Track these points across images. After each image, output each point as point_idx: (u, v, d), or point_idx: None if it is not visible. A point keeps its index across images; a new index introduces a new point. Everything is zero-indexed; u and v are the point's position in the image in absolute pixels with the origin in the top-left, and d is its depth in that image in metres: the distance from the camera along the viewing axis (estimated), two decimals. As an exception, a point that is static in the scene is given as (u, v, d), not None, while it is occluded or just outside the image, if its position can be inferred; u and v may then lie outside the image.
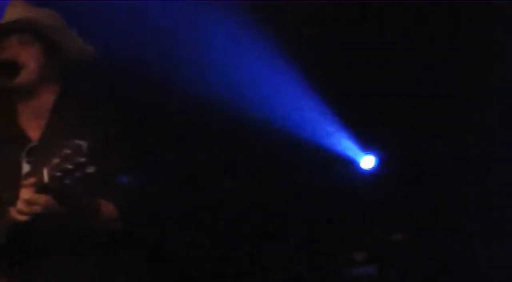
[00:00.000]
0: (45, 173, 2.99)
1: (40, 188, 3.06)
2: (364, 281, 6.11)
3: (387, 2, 5.79)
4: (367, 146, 6.26)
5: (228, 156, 6.23)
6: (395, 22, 5.90)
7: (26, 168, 3.40)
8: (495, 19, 5.75)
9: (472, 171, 6.02)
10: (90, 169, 2.95)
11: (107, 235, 3.40)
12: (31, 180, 3.09)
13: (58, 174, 2.96)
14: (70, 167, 2.94)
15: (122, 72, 5.67)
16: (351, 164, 6.28)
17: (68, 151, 2.94)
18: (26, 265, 3.36)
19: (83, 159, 2.93)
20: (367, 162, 6.28)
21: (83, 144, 2.94)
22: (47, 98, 3.50)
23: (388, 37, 5.92)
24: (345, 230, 6.24)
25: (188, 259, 6.23)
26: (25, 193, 3.11)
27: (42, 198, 3.10)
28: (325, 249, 6.23)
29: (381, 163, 6.27)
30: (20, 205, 3.12)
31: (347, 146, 6.24)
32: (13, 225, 3.20)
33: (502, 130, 5.95)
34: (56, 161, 2.96)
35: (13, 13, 3.49)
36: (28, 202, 3.10)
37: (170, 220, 6.13)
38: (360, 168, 6.29)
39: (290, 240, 6.21)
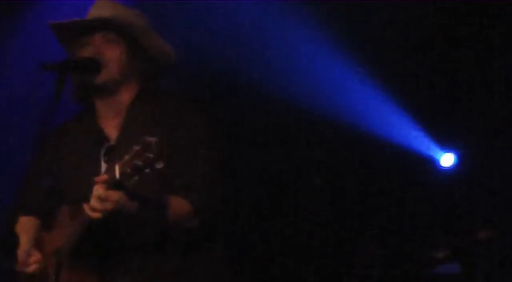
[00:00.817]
0: (117, 169, 3.00)
1: (112, 184, 3.06)
2: (448, 280, 5.93)
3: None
4: (446, 143, 6.24)
5: (310, 155, 6.25)
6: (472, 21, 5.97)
7: (104, 167, 3.45)
8: None
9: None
10: (159, 165, 2.94)
11: (184, 233, 3.40)
12: (104, 177, 3.11)
13: (128, 170, 2.96)
14: (139, 163, 2.93)
15: (202, 71, 5.82)
16: (431, 162, 6.25)
17: (138, 147, 2.94)
18: (108, 262, 3.38)
19: (151, 155, 2.91)
20: (447, 159, 6.24)
21: (153, 140, 2.93)
22: (126, 96, 3.54)
23: (466, 35, 5.98)
24: (427, 229, 6.14)
25: (268, 257, 6.19)
26: (97, 190, 3.11)
27: (114, 195, 3.10)
28: (407, 248, 6.12)
29: (460, 161, 6.22)
30: (92, 202, 3.12)
31: (426, 144, 6.22)
32: (90, 223, 3.22)
33: None
34: (127, 157, 2.97)
35: (99, 10, 3.55)
36: (100, 199, 3.10)
37: (249, 218, 6.14)
38: (440, 166, 6.25)
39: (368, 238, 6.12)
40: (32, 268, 3.50)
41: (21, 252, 3.55)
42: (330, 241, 6.23)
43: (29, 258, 3.50)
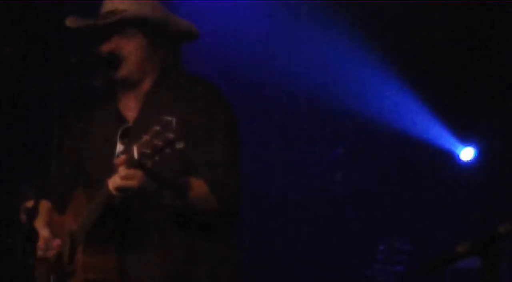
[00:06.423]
0: (135, 150, 2.96)
1: (131, 164, 3.03)
2: (468, 274, 5.89)
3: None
4: (466, 138, 6.24)
5: (331, 149, 6.27)
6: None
7: (120, 148, 3.40)
8: None
9: None
10: (179, 145, 2.89)
11: (203, 214, 3.33)
12: (123, 157, 3.07)
13: (148, 151, 2.92)
14: (160, 143, 2.89)
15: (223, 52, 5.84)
16: (451, 157, 6.25)
17: (158, 128, 2.90)
18: (125, 243, 3.34)
19: (172, 135, 2.87)
20: (467, 154, 6.24)
21: (173, 120, 2.89)
22: (146, 85, 3.50)
23: (485, 30, 5.99)
24: (447, 223, 6.13)
25: (289, 252, 6.19)
26: (122, 170, 3.08)
27: (138, 173, 3.07)
28: (428, 243, 6.11)
29: (480, 155, 6.22)
30: (117, 180, 3.10)
31: (446, 139, 6.23)
32: (109, 203, 3.19)
33: None
34: (146, 138, 2.93)
35: (112, 3, 3.49)
36: (125, 178, 3.08)
37: (270, 203, 6.15)
38: (460, 160, 6.26)
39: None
40: (52, 252, 3.50)
41: (41, 239, 3.52)
42: (352, 236, 6.21)
43: (51, 244, 3.48)
